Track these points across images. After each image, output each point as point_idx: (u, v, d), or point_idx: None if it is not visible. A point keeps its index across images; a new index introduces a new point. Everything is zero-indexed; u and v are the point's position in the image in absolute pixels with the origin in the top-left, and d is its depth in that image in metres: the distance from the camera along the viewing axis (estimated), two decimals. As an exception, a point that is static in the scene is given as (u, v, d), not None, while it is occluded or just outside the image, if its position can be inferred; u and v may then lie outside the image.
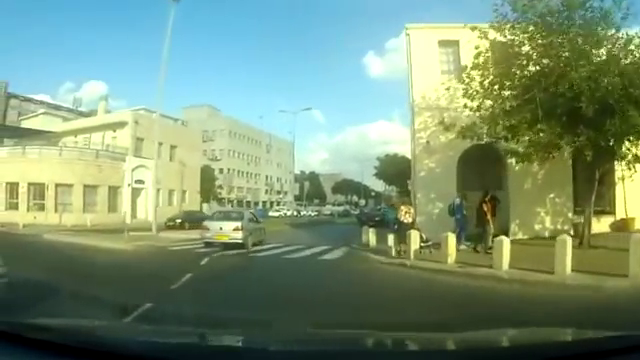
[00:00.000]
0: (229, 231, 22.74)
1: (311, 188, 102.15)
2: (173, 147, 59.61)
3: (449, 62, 25.13)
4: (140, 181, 51.19)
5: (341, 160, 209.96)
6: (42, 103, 79.16)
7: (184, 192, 60.66)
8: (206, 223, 24.55)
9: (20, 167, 45.01)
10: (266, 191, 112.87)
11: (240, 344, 3.02)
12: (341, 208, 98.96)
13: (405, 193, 41.28)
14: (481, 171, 23.90)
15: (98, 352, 2.27)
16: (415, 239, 17.29)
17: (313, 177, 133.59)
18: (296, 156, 76.86)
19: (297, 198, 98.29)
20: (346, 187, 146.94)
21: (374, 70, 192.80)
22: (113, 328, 3.69)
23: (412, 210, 19.95)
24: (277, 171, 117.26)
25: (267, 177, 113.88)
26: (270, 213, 77.60)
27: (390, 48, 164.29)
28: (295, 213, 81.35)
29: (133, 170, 50.88)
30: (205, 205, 67.13)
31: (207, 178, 69.43)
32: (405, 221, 18.93)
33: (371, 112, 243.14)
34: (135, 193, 51.69)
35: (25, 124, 64.37)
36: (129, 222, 35.13)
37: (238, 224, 23.15)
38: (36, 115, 69.31)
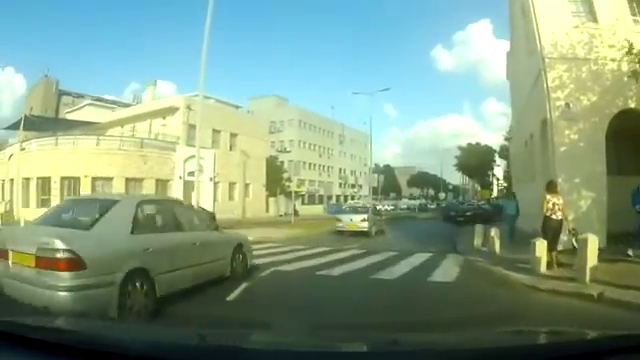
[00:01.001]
0: (357, 221, 28.28)
1: (386, 182, 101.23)
2: (233, 135, 55.52)
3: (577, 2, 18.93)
4: (193, 173, 45.32)
5: (413, 154, 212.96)
6: (92, 98, 76.49)
7: (247, 185, 56.74)
8: (338, 216, 30.83)
9: (52, 160, 41.36)
10: (340, 184, 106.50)
11: (240, 344, 2.94)
12: (417, 202, 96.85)
13: (486, 185, 36.56)
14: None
15: (98, 352, 2.27)
16: (592, 248, 10.78)
17: (388, 170, 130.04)
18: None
19: (372, 192, 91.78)
20: (422, 180, 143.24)
21: (442, 63, 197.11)
22: (113, 328, 3.69)
23: (561, 200, 13.47)
24: (351, 163, 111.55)
25: (340, 170, 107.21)
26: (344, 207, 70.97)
27: (457, 41, 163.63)
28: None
29: (185, 161, 44.48)
30: (272, 199, 63.30)
31: (274, 170, 64.68)
32: (554, 217, 13.08)
33: (441, 105, 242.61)
34: (188, 187, 45.47)
35: (70, 117, 61.66)
36: None
37: (365, 216, 28.59)
38: (81, 107, 66.99)
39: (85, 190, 39.44)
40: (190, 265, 9.23)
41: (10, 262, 6.95)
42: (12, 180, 44.00)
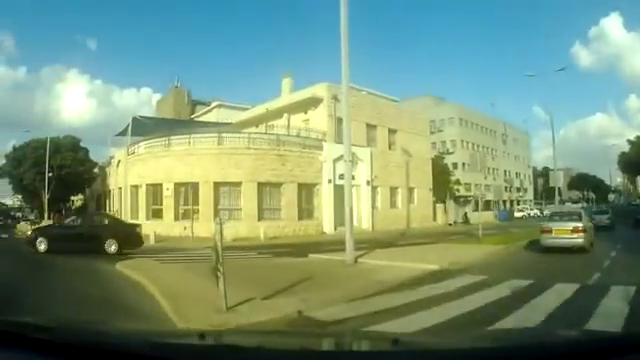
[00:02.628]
0: (568, 232, 20.43)
1: (545, 185, 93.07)
2: (392, 131, 45.63)
3: None
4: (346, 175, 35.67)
5: (564, 156, 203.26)
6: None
7: (411, 189, 46.59)
8: (546, 225, 21.79)
9: (163, 164, 35.19)
10: (505, 188, 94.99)
11: (240, 344, 2.89)
12: (579, 205, 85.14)
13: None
14: None
15: (98, 352, 2.26)
16: None
17: (547, 173, 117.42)
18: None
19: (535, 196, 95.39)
20: (581, 182, 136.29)
21: (582, 61, 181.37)
22: (113, 328, 3.53)
23: None
24: (515, 165, 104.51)
25: (505, 172, 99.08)
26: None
27: (593, 36, 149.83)
28: (538, 213, 75.91)
29: (336, 161, 36.05)
30: (439, 206, 54.27)
31: (440, 172, 57.09)
32: None
33: (585, 105, 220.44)
34: (340, 192, 36.03)
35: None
36: (331, 232, 34.11)
37: (578, 225, 20.50)
38: (209, 110, 63.68)
39: (206, 198, 32.87)
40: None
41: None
42: (120, 189, 40.62)
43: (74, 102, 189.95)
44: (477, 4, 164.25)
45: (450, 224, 50.39)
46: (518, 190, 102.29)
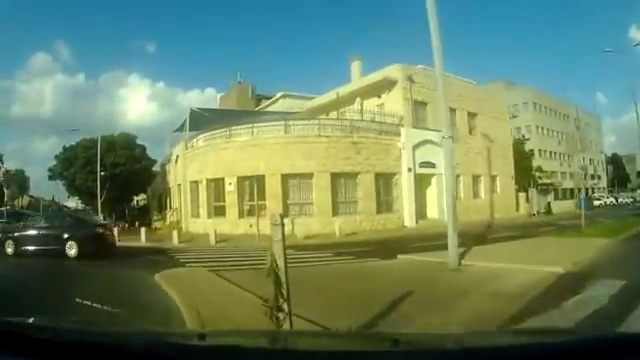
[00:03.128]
0: None
1: (615, 172, 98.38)
2: (472, 115, 42.25)
3: None
4: (427, 163, 34.29)
5: (628, 142, 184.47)
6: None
7: (493, 177, 43.14)
8: None
9: (225, 157, 32.57)
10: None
11: (240, 344, 2.88)
12: None
13: None
14: None
15: (98, 352, 2.25)
16: None
17: (616, 160, 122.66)
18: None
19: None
20: None
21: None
22: (113, 328, 3.69)
23: None
24: (588, 151, 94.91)
25: (581, 159, 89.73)
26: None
27: None
28: (614, 201, 75.46)
29: (414, 148, 33.46)
30: (521, 195, 50.02)
31: (521, 158, 53.79)
32: None
33: None
34: (421, 182, 35.05)
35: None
36: (412, 225, 31.84)
37: None
38: (274, 101, 60.19)
39: (273, 192, 30.19)
40: None
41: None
42: (179, 186, 38.65)
43: (136, 106, 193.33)
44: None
45: (533, 214, 46.94)
46: (592, 177, 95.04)
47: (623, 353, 2.28)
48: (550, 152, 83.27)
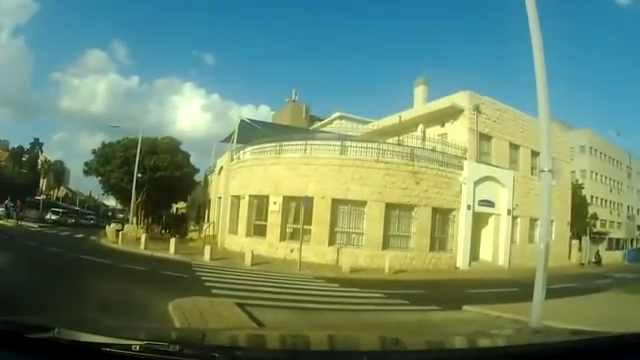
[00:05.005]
0: None
1: None
2: (535, 154, 38.49)
3: None
4: (487, 202, 32.71)
5: None
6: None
7: (550, 223, 37.57)
8: None
9: (272, 173, 31.20)
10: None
11: (240, 344, 2.99)
12: None
13: None
14: None
15: (98, 352, 2.27)
16: None
17: None
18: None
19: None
20: None
21: None
22: (113, 328, 3.58)
23: None
24: (638, 200, 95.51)
25: (628, 208, 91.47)
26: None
27: None
28: None
29: (476, 184, 31.74)
30: (575, 243, 47.48)
31: (577, 204, 50.42)
32: None
33: None
34: (480, 221, 33.18)
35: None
36: (465, 267, 29.82)
37: None
38: (330, 122, 59.03)
39: (321, 217, 28.42)
40: None
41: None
42: (219, 198, 37.61)
43: (187, 114, 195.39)
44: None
45: (582, 264, 45.08)
46: (639, 228, 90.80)
47: (623, 353, 2.42)
48: (602, 199, 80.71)
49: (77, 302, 10.44)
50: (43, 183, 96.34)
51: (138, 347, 2.29)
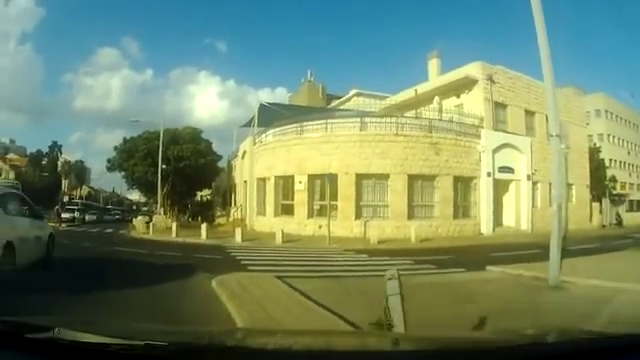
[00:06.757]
0: None
1: None
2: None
3: None
4: (506, 168, 33.39)
5: None
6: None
7: (569, 186, 40.83)
8: None
9: (295, 153, 31.83)
10: None
11: (240, 344, 2.90)
12: None
13: None
14: None
15: (98, 352, 2.27)
16: None
17: None
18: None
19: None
20: None
21: None
22: (114, 328, 3.38)
23: None
24: None
25: None
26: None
27: None
28: None
29: (495, 151, 32.29)
30: (594, 206, 47.23)
31: (595, 167, 50.64)
32: None
33: None
34: (500, 187, 33.72)
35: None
36: (489, 233, 30.55)
37: None
38: (347, 99, 58.48)
39: (346, 193, 29.07)
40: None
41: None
42: (245, 182, 38.22)
43: (205, 103, 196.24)
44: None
45: (604, 225, 45.44)
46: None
47: (623, 353, 2.37)
48: (620, 162, 79.80)
49: (132, 287, 10.69)
50: (65, 184, 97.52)
51: (138, 347, 2.32)
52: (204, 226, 28.22)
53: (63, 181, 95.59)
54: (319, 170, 29.13)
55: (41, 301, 8.15)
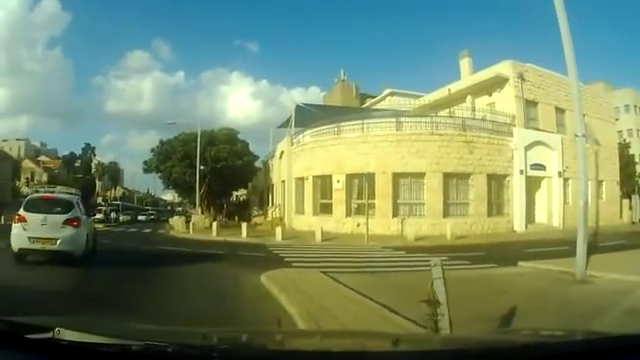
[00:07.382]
0: None
1: None
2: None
3: None
4: (538, 166, 33.59)
5: None
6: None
7: (600, 183, 40.91)
8: None
9: (333, 153, 32.57)
10: None
11: (240, 344, 2.93)
12: None
13: None
14: None
15: (98, 352, 2.28)
16: None
17: None
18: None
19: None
20: None
21: None
22: (113, 327, 3.37)
23: None
24: None
25: None
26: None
27: None
28: None
29: (527, 149, 32.55)
30: (624, 202, 47.03)
31: (625, 163, 51.09)
32: None
33: None
34: (532, 184, 33.88)
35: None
36: (521, 230, 30.95)
37: None
38: (381, 99, 58.33)
39: (383, 191, 29.83)
40: None
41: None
42: (283, 182, 38.67)
43: (238, 104, 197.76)
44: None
45: (634, 222, 44.56)
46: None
47: (623, 353, 2.36)
48: (648, 158, 78.37)
49: (189, 284, 11.65)
50: (99, 185, 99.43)
51: (138, 347, 2.34)
52: (244, 225, 29.15)
53: (97, 182, 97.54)
54: (357, 169, 29.76)
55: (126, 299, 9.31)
